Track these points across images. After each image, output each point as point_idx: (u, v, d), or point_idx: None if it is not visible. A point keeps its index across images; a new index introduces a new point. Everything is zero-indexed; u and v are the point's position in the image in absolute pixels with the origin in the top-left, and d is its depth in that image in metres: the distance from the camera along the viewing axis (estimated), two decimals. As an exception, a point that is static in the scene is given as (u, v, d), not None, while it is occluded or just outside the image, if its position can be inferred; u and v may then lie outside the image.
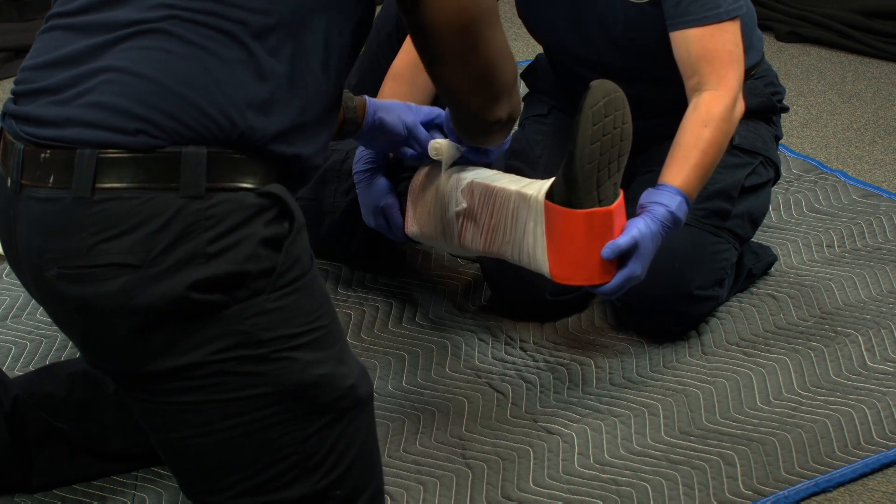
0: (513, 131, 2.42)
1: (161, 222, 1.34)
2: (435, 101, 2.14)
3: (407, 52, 2.10)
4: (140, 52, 1.38)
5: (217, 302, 1.36)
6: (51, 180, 1.37)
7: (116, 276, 1.34)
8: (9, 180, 1.41)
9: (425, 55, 1.54)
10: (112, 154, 1.35)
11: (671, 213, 1.81)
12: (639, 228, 1.77)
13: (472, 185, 1.87)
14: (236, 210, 1.37)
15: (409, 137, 1.86)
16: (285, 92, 1.42)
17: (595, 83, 1.70)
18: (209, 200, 1.36)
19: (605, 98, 1.70)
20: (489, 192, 1.85)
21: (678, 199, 1.82)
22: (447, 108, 1.79)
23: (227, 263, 1.36)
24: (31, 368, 1.97)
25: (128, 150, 1.35)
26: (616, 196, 1.76)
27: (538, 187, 1.79)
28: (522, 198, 1.80)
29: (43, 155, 1.38)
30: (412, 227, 1.97)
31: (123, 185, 1.35)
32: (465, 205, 1.88)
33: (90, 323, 1.39)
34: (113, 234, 1.34)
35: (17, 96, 1.45)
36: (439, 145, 1.86)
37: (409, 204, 1.97)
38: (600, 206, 1.73)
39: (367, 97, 1.83)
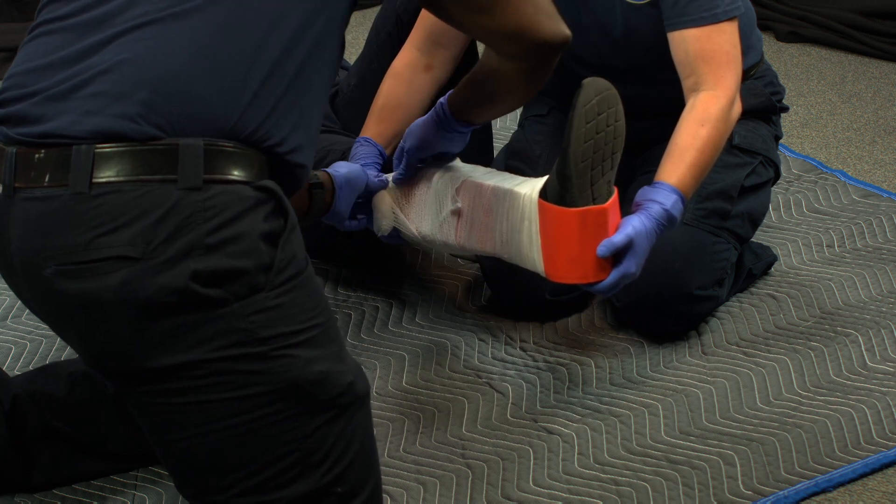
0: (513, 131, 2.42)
1: (160, 214, 1.35)
2: (433, 103, 2.14)
3: (407, 52, 2.10)
4: (140, 44, 1.38)
5: (217, 298, 1.36)
6: (46, 179, 1.37)
7: (117, 269, 1.34)
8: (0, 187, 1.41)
9: (472, 22, 1.55)
10: (109, 148, 1.36)
11: (666, 210, 1.81)
12: (633, 226, 1.76)
13: (466, 185, 1.87)
14: (234, 202, 1.38)
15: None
16: (283, 87, 1.43)
17: (587, 81, 1.69)
18: (207, 192, 1.37)
19: (598, 96, 1.69)
20: (483, 191, 1.85)
21: (674, 197, 1.82)
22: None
23: (227, 257, 1.36)
24: (31, 368, 1.97)
25: (125, 142, 1.36)
26: (610, 194, 1.75)
27: (532, 186, 1.78)
28: (516, 196, 1.80)
29: (37, 155, 1.38)
30: (406, 226, 1.97)
31: (121, 178, 1.35)
32: (459, 204, 1.88)
33: (90, 319, 1.38)
34: (112, 228, 1.35)
35: (5, 102, 1.44)
36: (384, 222, 1.95)
37: (404, 204, 1.97)
38: (594, 204, 1.72)
39: (328, 172, 1.88)
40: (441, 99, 1.82)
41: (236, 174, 1.39)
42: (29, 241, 1.38)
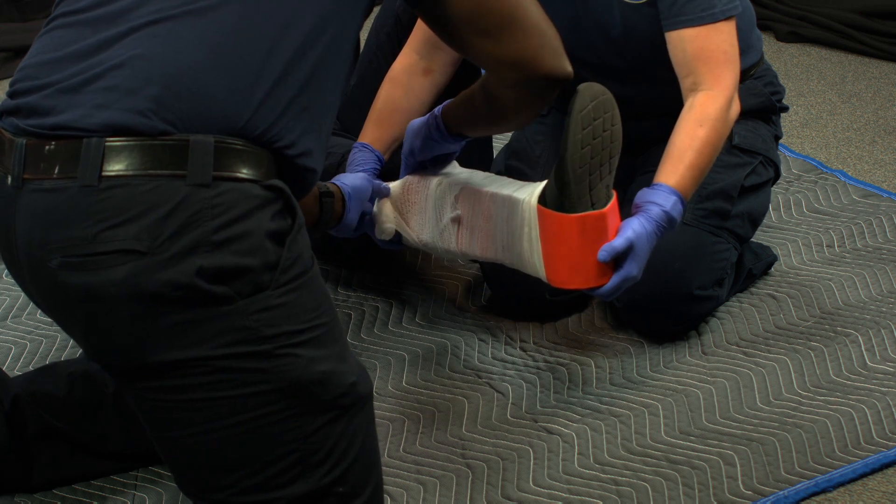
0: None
1: (168, 209, 1.35)
2: (432, 107, 2.14)
3: (405, 56, 2.10)
4: (153, 41, 1.39)
5: (222, 295, 1.36)
6: (56, 171, 1.37)
7: (123, 262, 1.34)
8: (8, 178, 1.41)
9: (477, 47, 1.54)
10: (119, 142, 1.36)
11: (666, 212, 1.81)
12: (634, 229, 1.76)
13: (464, 192, 1.87)
14: (242, 200, 1.38)
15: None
16: (295, 89, 1.43)
17: (583, 86, 1.69)
18: (216, 189, 1.37)
19: (594, 101, 1.69)
20: (482, 198, 1.85)
21: (673, 198, 1.82)
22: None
23: (233, 255, 1.36)
24: (31, 368, 1.97)
25: (136, 136, 1.36)
26: (609, 198, 1.75)
27: (530, 191, 1.78)
28: (515, 202, 1.79)
29: (48, 147, 1.38)
30: (407, 233, 1.96)
31: (130, 172, 1.35)
32: (459, 211, 1.88)
33: (94, 313, 1.38)
34: (119, 221, 1.35)
35: (17, 93, 1.44)
36: (387, 225, 1.95)
37: (404, 213, 1.96)
38: (593, 209, 1.72)
39: (338, 185, 1.89)
40: (435, 110, 1.82)
41: (245, 172, 1.40)
42: (35, 232, 1.38)
